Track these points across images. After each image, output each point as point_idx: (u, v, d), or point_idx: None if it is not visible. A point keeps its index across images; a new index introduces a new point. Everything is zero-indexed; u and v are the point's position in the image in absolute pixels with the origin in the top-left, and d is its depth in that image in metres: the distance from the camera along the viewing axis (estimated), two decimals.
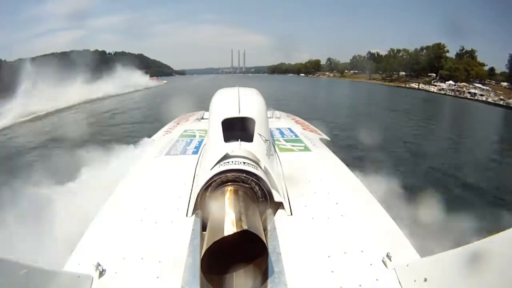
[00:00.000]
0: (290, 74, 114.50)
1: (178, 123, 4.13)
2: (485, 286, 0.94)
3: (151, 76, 63.48)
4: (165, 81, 64.16)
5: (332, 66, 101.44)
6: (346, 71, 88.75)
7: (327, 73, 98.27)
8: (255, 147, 1.82)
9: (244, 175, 1.62)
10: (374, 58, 78.76)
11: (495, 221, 4.02)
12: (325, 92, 36.15)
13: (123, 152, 4.57)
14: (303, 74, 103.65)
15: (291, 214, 1.65)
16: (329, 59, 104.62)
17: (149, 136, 3.95)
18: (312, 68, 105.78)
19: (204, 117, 4.11)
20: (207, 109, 2.65)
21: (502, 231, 0.95)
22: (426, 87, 46.65)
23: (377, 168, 4.22)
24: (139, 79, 45.71)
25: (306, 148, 2.79)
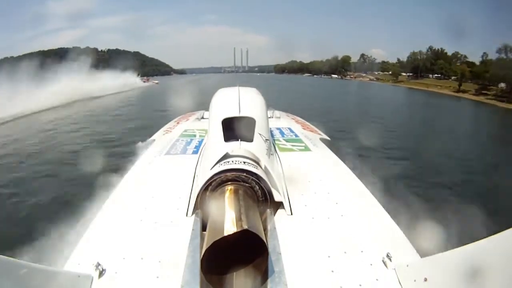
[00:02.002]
0: (306, 74, 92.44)
1: (178, 123, 4.13)
2: (485, 286, 0.94)
3: (142, 75, 58.95)
4: (157, 81, 59.07)
5: (366, 65, 78.19)
6: (390, 73, 64.91)
7: (364, 74, 73.96)
8: (255, 147, 1.82)
9: (244, 174, 1.62)
10: (437, 55, 56.88)
11: None
12: None
13: None
14: (336, 75, 77.68)
15: (291, 214, 1.65)
16: (362, 56, 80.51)
17: (149, 136, 3.94)
18: (340, 67, 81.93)
19: (204, 117, 4.12)
20: (207, 109, 2.65)
21: (501, 231, 0.96)
22: None
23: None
24: (111, 81, 36.50)
25: (306, 148, 2.79)
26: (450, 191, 6.71)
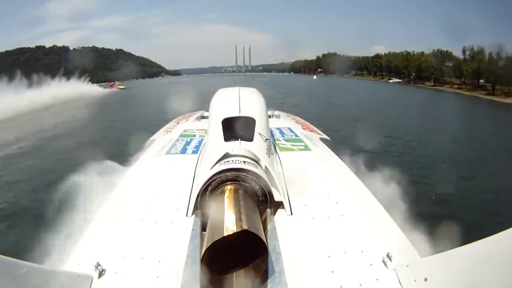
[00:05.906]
0: (394, 80, 54.76)
1: (178, 123, 4.12)
2: (485, 285, 0.94)
3: (103, 81, 52.42)
4: (123, 86, 52.41)
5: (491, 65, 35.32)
6: None
7: None
8: (255, 147, 1.82)
9: (244, 174, 1.62)
10: None
11: None
12: None
13: None
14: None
15: (291, 214, 1.65)
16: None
17: (149, 136, 3.93)
18: (432, 68, 44.77)
19: (204, 117, 4.11)
20: (207, 109, 2.65)
21: (501, 231, 0.96)
22: None
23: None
24: None
25: (306, 148, 2.78)
26: None
